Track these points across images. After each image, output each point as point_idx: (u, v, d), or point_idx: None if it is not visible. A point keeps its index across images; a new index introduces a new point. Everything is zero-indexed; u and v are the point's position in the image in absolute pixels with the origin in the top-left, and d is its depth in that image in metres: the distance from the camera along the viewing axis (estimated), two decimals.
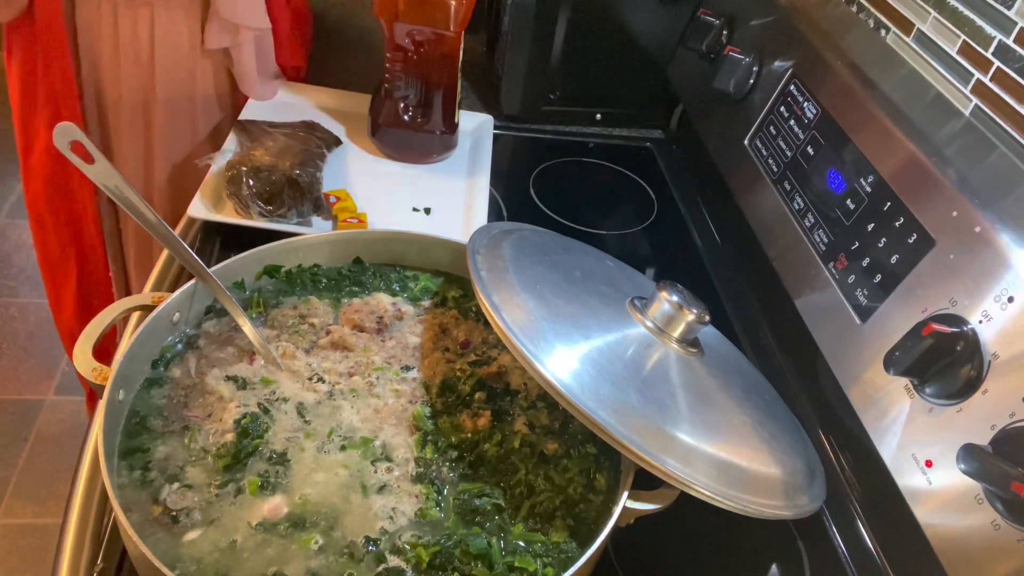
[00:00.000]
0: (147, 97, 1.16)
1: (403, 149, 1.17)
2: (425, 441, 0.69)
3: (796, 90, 0.98)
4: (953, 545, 0.64)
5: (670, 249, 1.18)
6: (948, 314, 0.67)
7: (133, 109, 1.17)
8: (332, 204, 1.03)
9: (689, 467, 0.61)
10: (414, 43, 1.08)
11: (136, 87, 1.15)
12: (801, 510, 0.67)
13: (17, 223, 2.57)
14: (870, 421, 0.74)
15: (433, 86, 1.13)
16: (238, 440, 0.66)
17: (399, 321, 0.81)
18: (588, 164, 1.33)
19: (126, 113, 1.17)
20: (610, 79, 1.36)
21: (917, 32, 0.92)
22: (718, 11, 1.17)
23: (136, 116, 1.18)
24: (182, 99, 1.18)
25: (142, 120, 1.18)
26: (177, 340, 0.75)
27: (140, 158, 1.22)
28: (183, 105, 1.19)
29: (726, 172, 1.11)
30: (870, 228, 0.79)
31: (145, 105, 1.17)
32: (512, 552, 0.62)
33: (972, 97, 0.83)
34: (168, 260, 0.95)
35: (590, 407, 0.60)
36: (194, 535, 0.60)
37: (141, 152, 1.21)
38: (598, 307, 0.72)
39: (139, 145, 1.21)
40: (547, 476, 0.68)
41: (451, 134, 1.18)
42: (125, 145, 1.20)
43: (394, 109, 1.14)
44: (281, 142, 1.04)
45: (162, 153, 1.22)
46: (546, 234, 0.86)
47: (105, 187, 0.66)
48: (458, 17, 1.06)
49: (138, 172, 1.23)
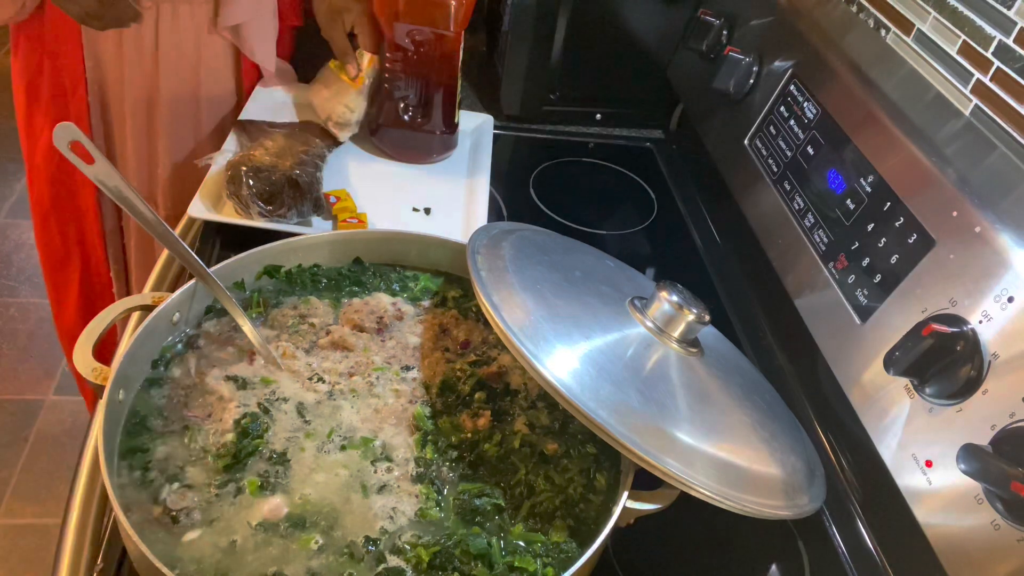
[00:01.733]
0: (151, 95, 1.16)
1: (403, 149, 1.17)
2: (425, 441, 0.69)
3: (796, 90, 0.98)
4: (953, 545, 0.64)
5: (670, 249, 1.18)
6: (948, 314, 0.67)
7: (136, 108, 1.17)
8: (332, 204, 1.03)
9: (689, 467, 0.61)
10: (414, 43, 1.08)
11: (140, 85, 1.15)
12: (801, 510, 0.67)
13: (17, 223, 2.57)
14: (870, 421, 0.74)
15: (433, 86, 1.13)
16: (238, 440, 0.66)
17: (399, 321, 0.81)
18: (588, 164, 1.33)
19: (129, 111, 1.17)
20: (610, 79, 1.36)
21: (917, 32, 0.92)
22: (718, 11, 1.17)
23: (139, 115, 1.18)
24: (184, 98, 1.18)
25: (144, 119, 1.18)
26: (177, 340, 0.75)
27: (142, 157, 1.22)
28: (185, 104, 1.19)
29: (726, 172, 1.11)
30: (870, 228, 0.79)
31: (148, 104, 1.17)
32: (512, 552, 0.62)
33: (972, 97, 0.83)
34: (168, 260, 0.95)
35: (590, 407, 0.60)
36: (194, 535, 0.60)
37: (143, 151, 1.21)
38: (598, 307, 0.72)
39: (142, 144, 1.21)
40: (547, 476, 0.68)
41: (451, 134, 1.18)
42: (127, 144, 1.20)
43: (394, 109, 1.14)
44: (281, 142, 1.04)
45: (164, 152, 1.22)
46: (546, 234, 0.86)
47: (105, 187, 0.66)
48: (458, 17, 1.06)
49: (140, 171, 1.23)
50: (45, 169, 1.22)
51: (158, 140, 1.21)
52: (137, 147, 1.21)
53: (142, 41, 1.12)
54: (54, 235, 1.30)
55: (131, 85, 1.15)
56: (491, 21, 1.43)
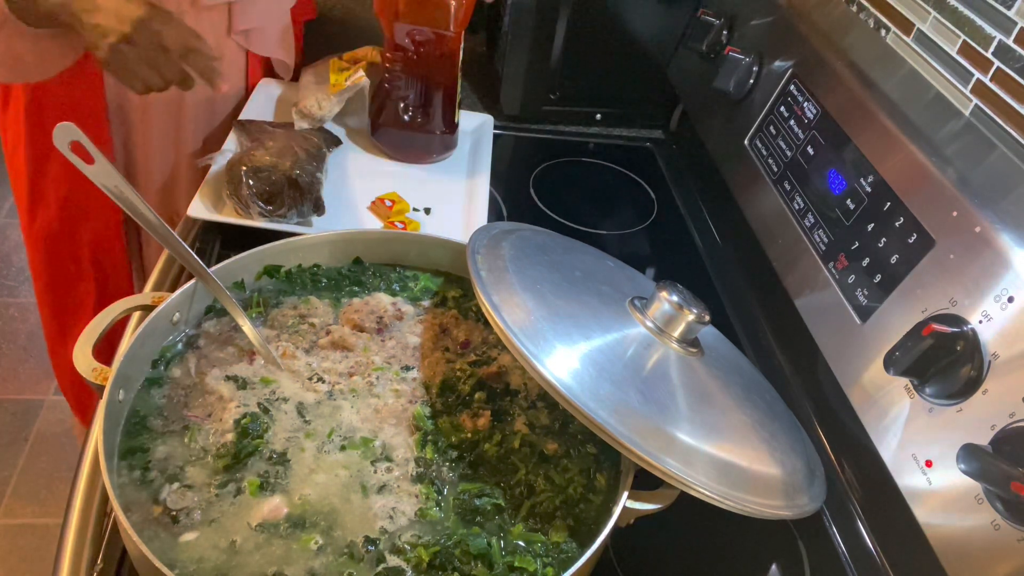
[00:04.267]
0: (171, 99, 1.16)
1: (403, 149, 1.17)
2: (425, 441, 0.69)
3: (796, 90, 0.98)
4: (953, 545, 0.64)
5: (670, 249, 1.18)
6: (948, 314, 0.67)
7: (158, 111, 1.16)
8: (389, 208, 1.04)
9: (689, 467, 0.61)
10: (414, 43, 1.08)
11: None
12: (801, 510, 0.67)
13: (17, 223, 2.57)
14: (870, 421, 0.74)
15: (433, 86, 1.13)
16: (238, 440, 0.66)
17: (399, 321, 0.81)
18: (588, 164, 1.33)
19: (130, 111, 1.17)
20: (610, 79, 1.36)
21: (917, 32, 0.92)
22: (718, 11, 1.17)
23: (163, 118, 1.17)
24: (181, 98, 1.18)
25: (171, 123, 1.18)
26: (177, 340, 0.75)
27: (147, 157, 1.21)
28: (183, 104, 1.19)
29: (726, 172, 1.11)
30: (870, 228, 0.79)
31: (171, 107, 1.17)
32: (512, 552, 0.62)
33: (972, 97, 0.83)
34: (168, 260, 0.95)
35: (590, 407, 0.60)
36: (194, 535, 0.60)
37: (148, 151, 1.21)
38: (598, 307, 0.72)
39: (167, 145, 1.20)
40: (547, 476, 0.68)
41: (451, 134, 1.18)
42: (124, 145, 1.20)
43: (394, 109, 1.14)
44: (281, 142, 1.04)
45: (165, 152, 1.21)
46: (546, 234, 0.86)
47: (105, 187, 0.66)
48: (458, 17, 1.05)
49: (141, 171, 1.23)
50: (55, 191, 1.20)
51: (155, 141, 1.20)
52: (163, 148, 1.20)
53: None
54: (65, 260, 1.27)
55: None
56: (491, 21, 1.43)
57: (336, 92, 1.13)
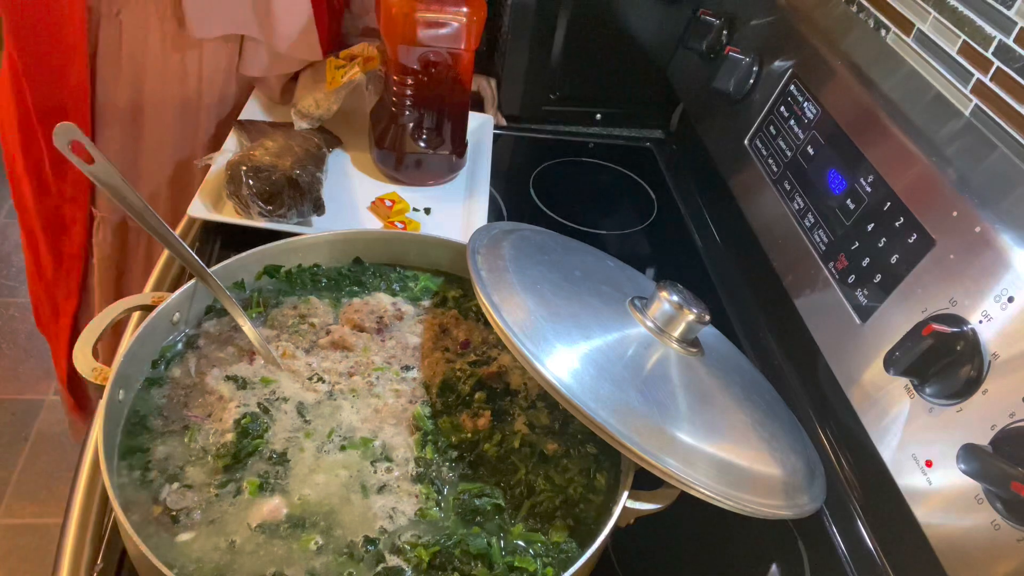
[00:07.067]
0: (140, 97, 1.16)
1: (407, 172, 1.11)
2: (425, 441, 0.69)
3: (796, 90, 0.98)
4: (953, 545, 0.64)
5: (670, 249, 1.18)
6: (948, 314, 0.67)
7: (127, 108, 1.16)
8: (388, 208, 1.02)
9: (689, 467, 0.61)
10: (423, 64, 1.01)
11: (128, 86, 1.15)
12: (801, 510, 0.67)
13: (18, 223, 2.57)
14: (870, 421, 0.74)
15: (444, 109, 1.07)
16: (238, 440, 0.66)
17: (399, 321, 0.81)
18: (588, 164, 1.33)
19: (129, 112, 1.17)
20: (610, 79, 1.36)
21: (917, 32, 0.92)
22: (718, 11, 1.17)
23: (131, 116, 1.17)
24: (181, 99, 1.18)
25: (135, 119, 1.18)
26: (177, 340, 0.75)
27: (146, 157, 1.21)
28: (183, 105, 1.19)
29: (726, 172, 1.11)
30: (870, 228, 0.79)
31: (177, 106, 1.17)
32: (512, 552, 0.62)
33: (972, 97, 0.83)
34: (168, 260, 0.95)
35: (590, 407, 0.60)
36: (194, 535, 0.60)
37: (147, 151, 1.21)
38: (598, 307, 0.72)
39: (142, 145, 1.20)
40: (547, 476, 0.68)
41: (460, 156, 1.13)
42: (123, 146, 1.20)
43: (399, 134, 1.08)
44: (281, 142, 1.04)
45: (165, 152, 1.21)
46: (546, 234, 0.86)
47: (105, 187, 0.66)
48: (470, 36, 0.99)
49: (142, 171, 1.23)
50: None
51: (153, 142, 1.20)
52: (128, 150, 1.20)
53: (146, 46, 1.11)
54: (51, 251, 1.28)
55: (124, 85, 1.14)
56: (491, 21, 1.43)
57: (333, 89, 1.11)
